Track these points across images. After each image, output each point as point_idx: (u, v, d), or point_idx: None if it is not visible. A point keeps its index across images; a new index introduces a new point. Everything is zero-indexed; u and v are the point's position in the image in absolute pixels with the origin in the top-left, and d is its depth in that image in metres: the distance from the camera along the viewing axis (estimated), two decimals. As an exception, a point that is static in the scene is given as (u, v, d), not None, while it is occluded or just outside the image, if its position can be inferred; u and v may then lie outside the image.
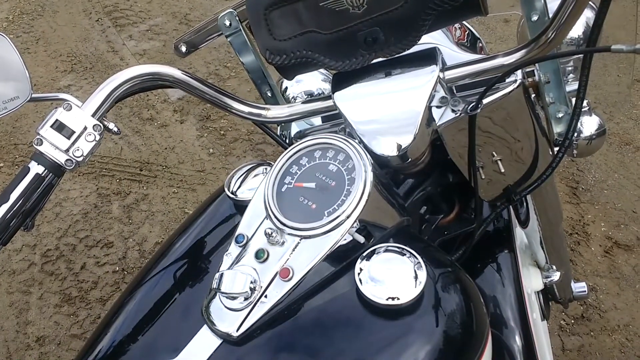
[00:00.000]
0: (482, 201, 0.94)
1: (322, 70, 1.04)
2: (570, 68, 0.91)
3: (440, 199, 0.98)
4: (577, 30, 0.93)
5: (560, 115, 0.87)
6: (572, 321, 1.88)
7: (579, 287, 1.46)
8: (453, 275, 0.72)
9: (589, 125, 0.94)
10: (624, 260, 2.07)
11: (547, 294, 1.44)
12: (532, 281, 1.26)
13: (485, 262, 1.18)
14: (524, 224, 1.15)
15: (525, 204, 1.12)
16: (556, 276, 1.27)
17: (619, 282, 2.00)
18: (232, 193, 0.80)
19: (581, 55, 0.82)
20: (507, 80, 0.78)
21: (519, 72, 0.77)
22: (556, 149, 0.88)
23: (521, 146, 0.87)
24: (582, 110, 0.93)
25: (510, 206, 1.16)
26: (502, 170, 0.87)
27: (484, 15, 0.74)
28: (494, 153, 0.86)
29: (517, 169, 0.89)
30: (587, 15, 0.88)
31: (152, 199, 2.15)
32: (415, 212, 0.95)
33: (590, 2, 0.74)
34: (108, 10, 3.13)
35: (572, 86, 0.88)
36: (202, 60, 2.77)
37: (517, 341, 1.14)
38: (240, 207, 0.78)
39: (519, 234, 1.22)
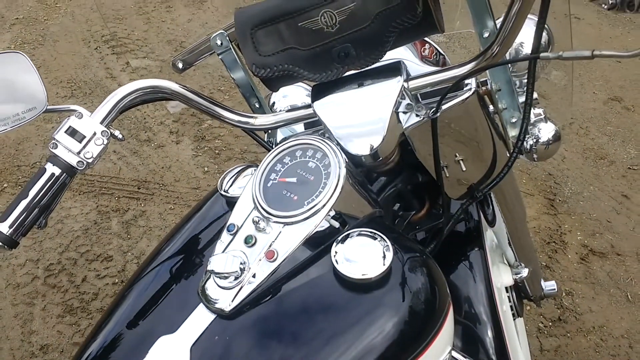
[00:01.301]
0: (450, 199, 1.04)
1: (305, 85, 1.15)
2: (525, 80, 1.02)
3: (411, 197, 1.07)
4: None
5: (514, 120, 0.97)
6: (550, 323, 1.96)
7: (549, 285, 1.55)
8: (418, 257, 0.80)
9: (545, 131, 1.01)
10: (599, 267, 2.16)
11: (519, 291, 1.54)
12: (503, 277, 1.36)
13: (457, 259, 1.28)
14: (491, 223, 1.25)
15: (491, 204, 1.22)
16: (525, 272, 1.36)
17: (594, 287, 2.09)
18: (224, 191, 0.90)
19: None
20: (465, 88, 0.89)
21: (472, 81, 0.86)
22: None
23: (481, 148, 0.96)
24: (539, 118, 1.04)
25: (479, 207, 1.27)
26: (464, 169, 0.95)
27: (441, 33, 0.84)
28: (456, 154, 0.95)
29: (479, 169, 0.98)
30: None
31: (150, 215, 2.25)
32: (389, 208, 1.05)
33: (532, 17, 0.86)
34: (106, 39, 3.26)
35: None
36: (196, 85, 2.90)
37: (488, 332, 1.24)
38: (231, 203, 0.84)
39: (489, 233, 1.32)
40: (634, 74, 3.08)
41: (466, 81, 0.86)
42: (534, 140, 1.00)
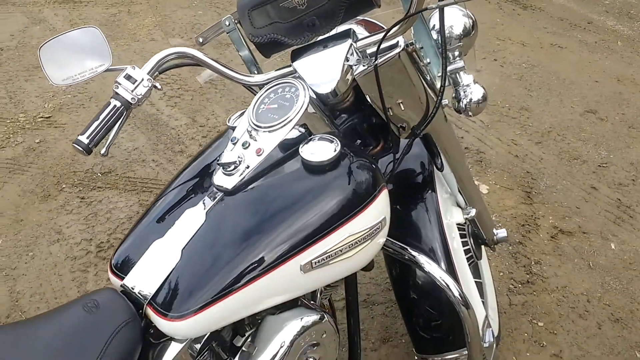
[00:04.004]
0: (399, 138, 1.40)
1: None
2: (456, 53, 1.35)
3: (368, 135, 1.41)
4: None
5: (439, 74, 1.24)
6: (519, 285, 2.25)
7: (500, 232, 1.86)
8: (360, 154, 1.14)
9: (476, 93, 1.25)
10: (567, 243, 2.45)
11: (477, 238, 1.87)
12: (455, 216, 1.70)
13: (414, 198, 1.62)
14: (440, 168, 1.59)
15: (438, 153, 1.55)
16: (473, 212, 1.68)
17: (560, 258, 2.37)
18: (231, 125, 1.18)
19: (460, 43, 1.30)
20: (396, 48, 1.12)
21: (401, 40, 1.12)
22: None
23: (419, 97, 1.22)
24: (469, 82, 1.36)
25: (430, 156, 1.62)
26: (403, 109, 1.21)
27: (378, 7, 1.15)
28: (398, 99, 1.20)
29: (418, 114, 1.25)
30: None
31: (182, 207, 2.66)
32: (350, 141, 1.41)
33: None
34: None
35: (455, 64, 1.35)
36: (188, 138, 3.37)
37: (439, 253, 1.57)
38: None
39: (441, 179, 1.67)
40: (609, 91, 3.44)
41: (398, 41, 1.13)
42: (468, 100, 1.25)
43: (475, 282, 1.76)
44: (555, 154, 2.97)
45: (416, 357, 1.68)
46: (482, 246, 1.90)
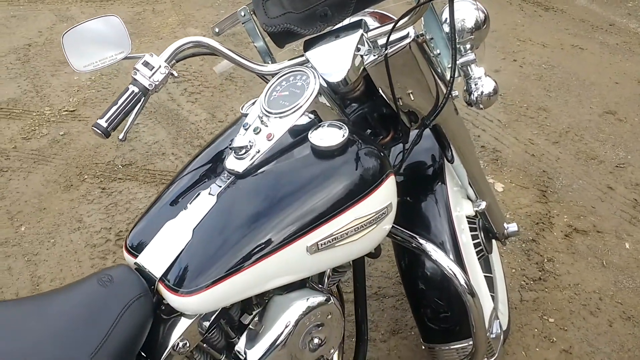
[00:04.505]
0: (409, 128, 1.42)
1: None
2: (468, 46, 1.31)
3: (378, 125, 1.44)
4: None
5: (449, 65, 1.23)
6: (531, 282, 2.25)
7: (511, 226, 1.87)
8: (368, 141, 1.17)
9: (487, 86, 1.27)
10: (581, 241, 2.44)
11: (487, 232, 1.88)
12: (465, 208, 1.71)
13: (424, 189, 1.64)
14: (451, 160, 1.61)
15: (448, 145, 1.57)
16: (483, 204, 1.69)
17: (574, 256, 2.36)
18: (244, 112, 1.19)
19: (472, 36, 1.32)
20: (407, 38, 1.14)
21: (411, 31, 1.14)
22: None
23: (427, 86, 1.23)
24: (481, 75, 1.37)
25: (440, 148, 1.63)
26: (413, 99, 1.22)
27: None
28: (408, 90, 1.21)
29: (428, 105, 1.27)
30: None
31: (200, 199, 2.71)
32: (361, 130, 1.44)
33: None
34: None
35: (466, 57, 1.37)
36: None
37: (448, 244, 1.58)
38: None
39: (451, 172, 1.69)
40: (629, 93, 3.41)
41: (408, 32, 1.14)
42: (479, 92, 1.28)
43: (486, 276, 1.78)
44: (573, 153, 2.96)
45: (423, 347, 1.69)
46: (493, 240, 1.91)
